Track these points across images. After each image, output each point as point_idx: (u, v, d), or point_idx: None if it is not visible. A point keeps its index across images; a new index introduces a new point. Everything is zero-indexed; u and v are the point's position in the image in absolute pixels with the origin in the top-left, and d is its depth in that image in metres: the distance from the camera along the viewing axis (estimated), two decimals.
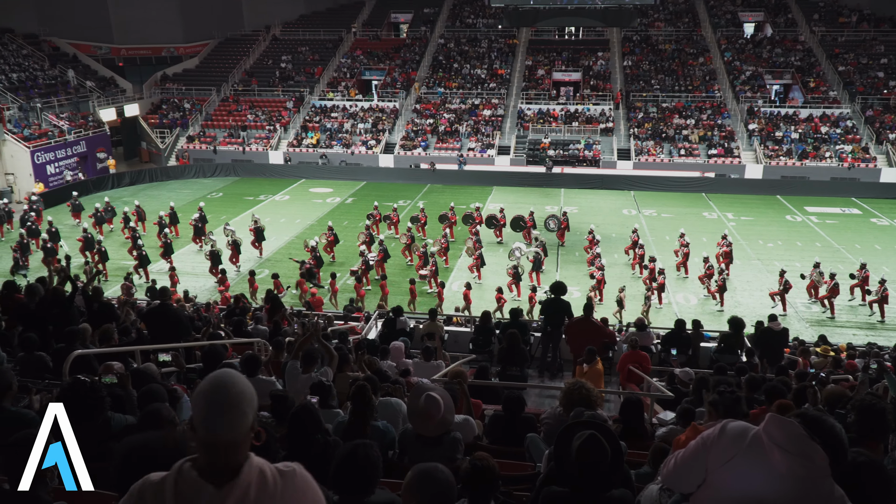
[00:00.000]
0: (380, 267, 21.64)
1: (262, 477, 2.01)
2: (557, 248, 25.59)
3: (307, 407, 4.33)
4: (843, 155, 35.58)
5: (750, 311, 19.40)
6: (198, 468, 1.99)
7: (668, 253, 24.34)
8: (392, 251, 23.36)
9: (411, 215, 27.14)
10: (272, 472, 2.04)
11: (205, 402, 1.99)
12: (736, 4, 49.54)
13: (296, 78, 45.83)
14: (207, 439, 1.97)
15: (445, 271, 23.01)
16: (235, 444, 1.99)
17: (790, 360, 11.72)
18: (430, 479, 2.69)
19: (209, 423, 1.97)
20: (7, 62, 38.57)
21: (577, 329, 11.14)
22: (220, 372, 2.08)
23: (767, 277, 22.59)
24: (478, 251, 22.46)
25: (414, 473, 2.71)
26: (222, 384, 2.01)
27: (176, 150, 40.07)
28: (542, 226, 26.75)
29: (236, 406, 1.98)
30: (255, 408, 2.04)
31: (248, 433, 2.01)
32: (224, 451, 1.98)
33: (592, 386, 5.46)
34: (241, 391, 2.01)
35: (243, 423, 1.99)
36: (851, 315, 20.09)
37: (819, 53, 43.40)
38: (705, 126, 38.97)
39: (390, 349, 9.87)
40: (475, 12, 51.23)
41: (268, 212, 30.27)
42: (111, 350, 7.34)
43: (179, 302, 14.22)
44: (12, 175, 32.24)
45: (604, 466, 3.17)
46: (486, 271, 22.45)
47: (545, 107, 41.55)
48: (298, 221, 28.69)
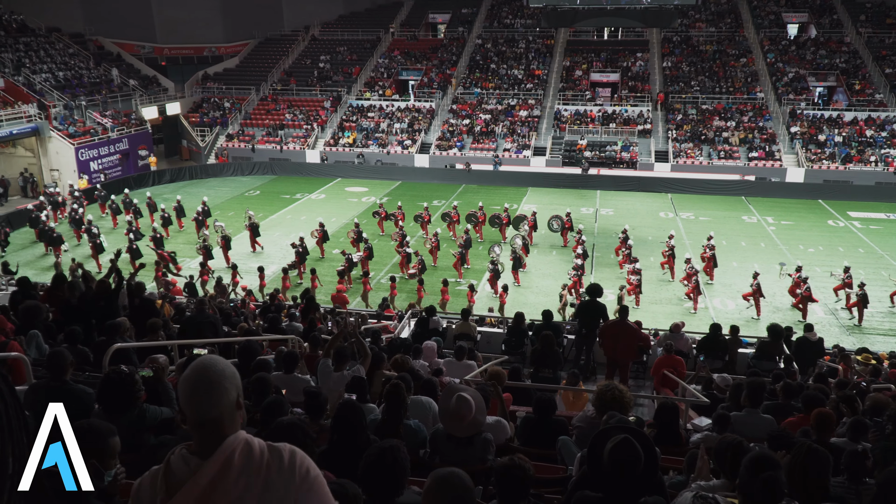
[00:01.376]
0: (364, 265, 21.89)
1: (248, 446, 2.06)
2: (592, 250, 25.37)
3: (352, 405, 4.34)
4: (889, 159, 34.67)
5: (791, 317, 19.04)
6: (193, 453, 2.07)
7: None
8: (422, 251, 23.35)
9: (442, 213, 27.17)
10: (259, 444, 2.09)
11: (189, 384, 2.07)
12: (780, 5, 48.57)
13: (333, 78, 46.20)
14: (194, 419, 2.05)
15: (463, 272, 22.98)
16: (221, 419, 2.05)
17: (830, 369, 11.45)
18: (448, 484, 2.69)
19: (192, 401, 2.05)
20: (54, 60, 39.56)
21: (611, 332, 11.03)
22: (202, 357, 2.18)
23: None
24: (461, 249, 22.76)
25: (433, 479, 2.71)
26: (202, 365, 2.10)
27: (215, 149, 40.73)
28: (546, 226, 26.64)
29: (217, 382, 2.05)
30: (237, 385, 2.11)
31: (232, 409, 2.07)
32: (212, 428, 2.05)
33: (625, 388, 5.41)
34: (222, 370, 2.09)
35: (226, 398, 2.05)
36: (894, 323, 19.57)
37: (865, 55, 42.34)
38: (746, 128, 38.31)
39: (423, 349, 9.89)
40: (513, 13, 51.07)
41: (304, 210, 30.57)
42: (150, 344, 7.49)
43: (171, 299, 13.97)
44: (57, 171, 33.07)
45: (637, 471, 3.14)
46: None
47: (582, 108, 41.25)
48: (334, 220, 28.91)
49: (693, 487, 3.55)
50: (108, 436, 3.13)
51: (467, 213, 26.86)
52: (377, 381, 6.62)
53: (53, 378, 4.95)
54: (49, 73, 37.89)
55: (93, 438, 2.98)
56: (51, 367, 4.99)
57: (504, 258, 22.16)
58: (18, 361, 5.96)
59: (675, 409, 6.19)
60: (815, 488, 3.50)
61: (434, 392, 6.27)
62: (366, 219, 27.55)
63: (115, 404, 4.40)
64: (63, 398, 3.25)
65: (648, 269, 22.93)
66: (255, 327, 11.28)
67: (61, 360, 4.97)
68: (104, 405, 4.43)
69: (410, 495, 3.28)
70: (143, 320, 8.34)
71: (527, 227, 25.11)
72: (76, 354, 6.77)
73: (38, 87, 35.30)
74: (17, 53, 37.54)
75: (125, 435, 4.30)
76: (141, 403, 4.58)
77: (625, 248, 23.23)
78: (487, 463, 4.58)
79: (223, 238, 23.36)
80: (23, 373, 5.92)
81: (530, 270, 23.10)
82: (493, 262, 20.90)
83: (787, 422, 6.31)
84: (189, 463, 2.03)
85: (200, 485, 1.98)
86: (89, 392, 4.94)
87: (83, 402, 4.74)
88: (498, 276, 20.63)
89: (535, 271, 23.14)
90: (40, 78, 36.52)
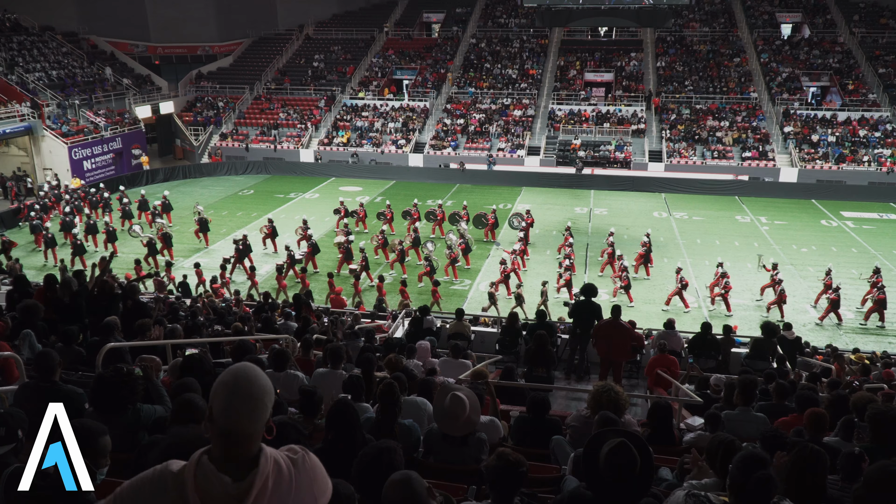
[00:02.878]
0: (309, 261, 22.27)
1: (278, 467, 2.05)
2: (586, 250, 25.41)
3: (346, 404, 4.33)
4: (882, 159, 34.82)
5: (779, 316, 19.12)
6: (213, 459, 2.01)
7: (697, 256, 24.07)
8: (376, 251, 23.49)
9: (403, 210, 27.37)
10: (286, 462, 2.08)
11: (228, 393, 2.00)
12: (773, 5, 48.71)
13: (328, 77, 46.14)
14: (227, 429, 1.99)
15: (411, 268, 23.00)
16: (253, 435, 2.02)
17: (823, 368, 11.50)
18: (404, 485, 2.70)
19: (231, 413, 1.98)
20: (47, 59, 39.39)
21: (605, 332, 11.05)
22: (242, 365, 2.10)
23: (801, 283, 22.24)
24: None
25: (388, 483, 2.73)
26: (245, 377, 2.03)
27: (209, 148, 40.62)
28: (507, 223, 26.76)
29: (259, 399, 2.01)
30: (272, 402, 2.08)
31: (264, 426, 2.06)
32: (241, 442, 2.01)
33: (621, 389, 5.42)
34: (264, 385, 2.04)
35: (264, 415, 2.03)
36: (888, 323, 19.64)
37: (859, 55, 42.51)
38: (740, 128, 38.41)
39: (417, 348, 9.88)
40: (507, 12, 51.10)
41: (297, 209, 30.52)
42: (144, 343, 7.46)
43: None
44: (50, 170, 32.93)
45: (634, 474, 3.14)
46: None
47: (576, 107, 41.30)
48: (327, 220, 28.84)
49: (685, 486, 3.55)
50: (99, 435, 3.12)
51: (426, 211, 27.41)
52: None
53: (42, 378, 4.93)
54: (42, 71, 37.73)
55: (86, 438, 2.96)
56: (39, 368, 4.97)
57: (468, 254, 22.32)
58: (10, 361, 5.94)
59: (668, 408, 6.21)
60: (813, 489, 3.50)
61: (428, 392, 6.26)
62: (320, 216, 27.49)
63: (109, 405, 4.38)
64: (53, 398, 3.23)
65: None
66: (246, 328, 11.24)
67: (50, 360, 4.94)
68: (97, 406, 4.41)
69: None
70: (134, 322, 8.30)
71: (465, 225, 25.35)
72: (71, 354, 6.76)
73: (31, 86, 35.15)
74: (11, 52, 37.39)
75: (122, 435, 4.29)
76: (137, 403, 4.56)
77: (609, 251, 23.14)
78: (482, 462, 4.58)
79: (163, 236, 23.61)
80: (14, 372, 5.90)
81: (527, 270, 23.11)
82: (428, 258, 21.31)
83: (780, 421, 6.33)
84: (220, 484, 1.98)
85: None
86: (79, 392, 4.92)
87: (74, 403, 4.72)
88: (434, 271, 20.95)
89: (529, 271, 23.15)
90: (34, 77, 36.38)
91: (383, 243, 23.55)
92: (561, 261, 21.80)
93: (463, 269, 23.15)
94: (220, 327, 11.12)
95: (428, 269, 20.99)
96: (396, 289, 20.01)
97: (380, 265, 23.18)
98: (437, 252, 23.15)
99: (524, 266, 23.29)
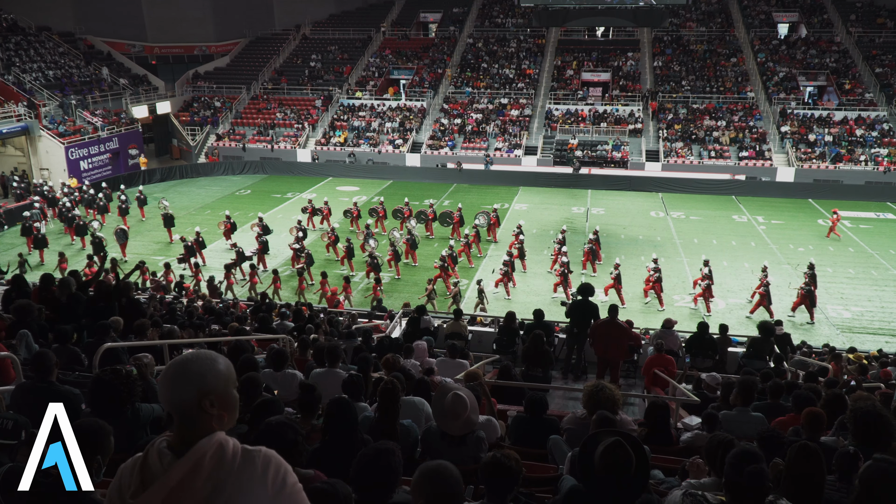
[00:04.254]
0: (260, 260, 22.54)
1: (221, 449, 2.06)
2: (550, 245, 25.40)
3: (343, 403, 4.33)
4: (879, 158, 34.89)
5: (779, 315, 19.12)
6: (169, 443, 2.11)
7: (694, 256, 24.08)
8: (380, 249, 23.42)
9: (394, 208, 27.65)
10: (234, 447, 2.08)
11: (162, 376, 2.15)
12: (770, 5, 48.78)
13: (325, 77, 46.11)
14: (166, 408, 2.14)
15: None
16: (181, 415, 2.09)
17: (821, 368, 11.51)
18: (437, 475, 2.68)
19: (162, 390, 2.13)
20: (44, 59, 39.30)
21: (602, 331, 11.05)
22: (197, 350, 2.24)
23: (798, 282, 22.23)
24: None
25: (420, 472, 2.71)
26: (181, 357, 2.15)
27: (206, 148, 40.57)
28: (472, 220, 26.77)
29: (178, 377, 2.09)
30: (200, 384, 2.08)
31: (192, 406, 2.07)
32: (179, 418, 2.10)
33: (614, 387, 5.42)
34: (187, 360, 2.13)
35: (179, 394, 2.07)
36: (884, 323, 19.69)
37: (855, 55, 42.59)
38: (736, 128, 38.46)
39: (414, 348, 9.88)
40: (504, 12, 51.11)
41: (294, 209, 30.47)
42: (141, 343, 7.45)
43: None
44: (47, 171, 32.87)
45: (630, 473, 3.14)
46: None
47: (573, 107, 41.32)
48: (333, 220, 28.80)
49: (683, 486, 3.55)
50: (108, 435, 3.12)
51: (369, 208, 27.82)
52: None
53: (39, 379, 4.91)
54: (39, 72, 37.65)
55: (96, 436, 2.99)
56: (36, 368, 4.95)
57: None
58: (6, 361, 5.92)
59: (665, 408, 6.21)
60: (812, 489, 3.50)
61: (426, 392, 6.26)
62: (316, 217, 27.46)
63: (108, 406, 4.36)
64: (50, 399, 3.22)
65: (639, 267, 23.01)
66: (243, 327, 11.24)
67: (46, 360, 4.93)
68: (96, 407, 4.40)
69: (401, 495, 3.28)
70: (130, 320, 8.29)
71: (413, 222, 25.56)
72: (66, 354, 6.74)
73: (27, 86, 35.07)
74: (7, 52, 37.31)
75: (122, 435, 4.28)
76: (136, 402, 4.56)
77: (590, 248, 23.17)
78: (480, 461, 4.58)
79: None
80: (10, 373, 5.88)
81: (521, 270, 23.09)
82: (371, 255, 21.46)
83: (777, 421, 6.33)
84: (163, 459, 2.06)
85: (169, 485, 1.99)
86: (76, 393, 4.91)
87: (70, 403, 4.71)
88: (378, 268, 21.06)
89: (527, 271, 23.13)
90: (30, 77, 36.30)
91: (334, 240, 23.88)
92: (553, 258, 21.79)
93: (411, 265, 23.44)
94: (217, 327, 11.12)
95: (370, 265, 21.17)
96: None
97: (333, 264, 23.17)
98: (380, 248, 23.15)
99: (471, 263, 23.62)
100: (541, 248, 25.56)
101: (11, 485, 2.91)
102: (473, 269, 23.42)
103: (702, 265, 20.56)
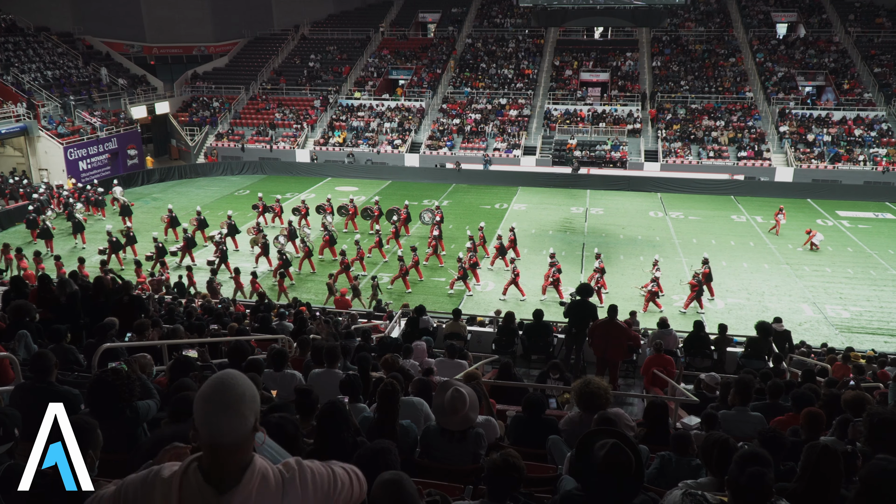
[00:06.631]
0: (184, 255, 22.84)
1: (265, 483, 2.02)
2: (582, 249, 25.43)
3: (336, 405, 4.33)
4: (878, 158, 34.92)
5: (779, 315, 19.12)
6: (202, 469, 2.00)
7: (693, 256, 24.09)
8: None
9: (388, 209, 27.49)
10: (276, 478, 2.05)
11: (205, 403, 1.98)
12: (769, 4, 48.81)
13: (323, 77, 46.11)
14: (209, 441, 1.97)
15: None
16: (236, 446, 1.99)
17: (820, 368, 11.52)
18: (394, 485, 2.67)
19: (210, 426, 1.96)
20: (42, 60, 39.28)
21: (601, 331, 11.06)
22: (222, 373, 2.06)
23: (796, 282, 22.27)
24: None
25: (378, 483, 2.66)
26: (223, 386, 1.99)
27: (205, 148, 40.56)
28: (417, 218, 26.93)
29: (236, 408, 1.97)
30: (256, 409, 2.02)
31: (249, 435, 2.00)
32: (225, 453, 1.98)
33: (601, 381, 5.43)
34: (242, 393, 1.99)
35: (243, 425, 1.98)
36: (883, 323, 19.70)
37: (854, 54, 42.62)
38: (735, 128, 38.48)
39: (413, 348, 9.88)
40: (503, 12, 51.12)
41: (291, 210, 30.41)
42: (140, 344, 7.45)
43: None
44: (46, 171, 32.85)
45: (629, 475, 3.14)
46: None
47: (572, 107, 41.33)
48: (333, 220, 28.78)
49: (682, 485, 3.56)
50: (95, 428, 3.13)
51: (339, 205, 28.11)
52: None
53: (38, 379, 4.91)
54: (38, 72, 37.62)
55: (84, 432, 2.98)
56: (35, 368, 4.95)
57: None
58: (5, 361, 5.91)
59: (664, 407, 6.21)
60: (829, 491, 3.49)
61: (425, 392, 6.26)
62: (312, 218, 27.44)
63: (106, 406, 4.36)
64: (49, 399, 3.22)
65: (637, 267, 23.03)
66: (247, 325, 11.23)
67: (45, 360, 4.92)
68: (94, 407, 4.40)
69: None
70: (130, 319, 8.28)
71: (329, 218, 25.83)
72: (61, 353, 6.73)
73: (26, 87, 35.05)
74: (6, 53, 37.28)
75: (122, 435, 4.29)
76: (135, 402, 4.56)
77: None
78: (480, 459, 4.59)
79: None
80: (9, 373, 5.88)
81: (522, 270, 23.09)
82: (281, 252, 21.58)
83: (776, 420, 6.34)
84: (203, 493, 1.97)
85: None
86: (75, 393, 4.90)
87: (69, 403, 4.70)
88: (288, 265, 21.30)
89: (524, 271, 23.10)
90: (29, 77, 36.27)
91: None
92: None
93: (328, 261, 23.28)
94: (216, 327, 11.11)
95: (281, 262, 21.25)
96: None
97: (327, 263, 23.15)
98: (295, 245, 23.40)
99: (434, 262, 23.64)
100: (539, 248, 25.56)
101: (11, 483, 2.91)
102: (388, 263, 23.52)
103: (701, 264, 20.58)
